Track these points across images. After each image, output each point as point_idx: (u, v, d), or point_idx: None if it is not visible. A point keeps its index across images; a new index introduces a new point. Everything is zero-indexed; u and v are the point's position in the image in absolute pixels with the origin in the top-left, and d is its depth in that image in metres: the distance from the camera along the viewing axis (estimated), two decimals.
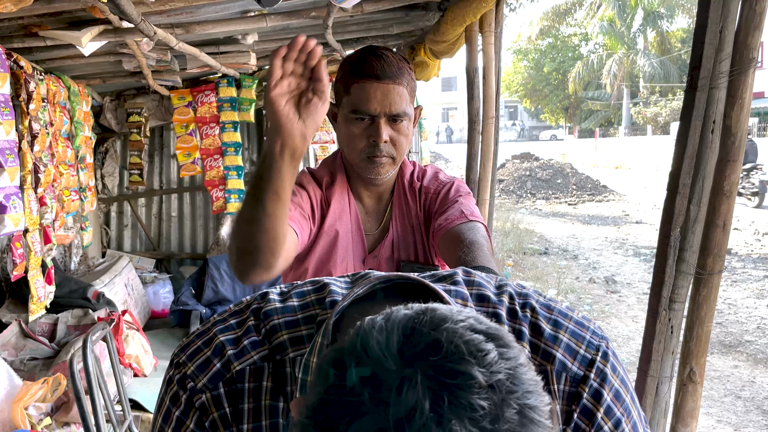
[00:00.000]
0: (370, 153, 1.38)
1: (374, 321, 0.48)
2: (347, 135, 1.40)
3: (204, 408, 0.68)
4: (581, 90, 31.16)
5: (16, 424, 2.58)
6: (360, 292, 0.67)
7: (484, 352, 0.44)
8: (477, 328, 0.47)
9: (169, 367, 0.72)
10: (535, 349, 0.70)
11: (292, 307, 0.72)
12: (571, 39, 35.40)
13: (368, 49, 1.39)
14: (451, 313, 0.48)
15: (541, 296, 0.75)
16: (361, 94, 1.35)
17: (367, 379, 0.44)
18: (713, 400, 4.12)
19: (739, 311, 6.03)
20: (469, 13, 2.84)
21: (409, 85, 1.38)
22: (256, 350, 0.69)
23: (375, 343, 0.46)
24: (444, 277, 0.76)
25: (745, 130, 1.65)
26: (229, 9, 2.90)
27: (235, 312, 0.74)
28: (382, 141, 1.36)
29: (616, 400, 0.69)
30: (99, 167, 5.15)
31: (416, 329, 0.46)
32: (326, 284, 0.74)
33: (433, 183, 1.51)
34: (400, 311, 0.49)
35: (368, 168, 1.41)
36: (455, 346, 0.44)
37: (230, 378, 0.68)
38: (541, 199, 15.28)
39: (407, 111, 1.37)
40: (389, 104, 1.34)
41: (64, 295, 3.53)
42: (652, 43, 30.16)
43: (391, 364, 0.44)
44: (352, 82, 1.36)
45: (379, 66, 1.34)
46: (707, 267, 1.70)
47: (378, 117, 1.35)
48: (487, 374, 0.43)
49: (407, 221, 1.51)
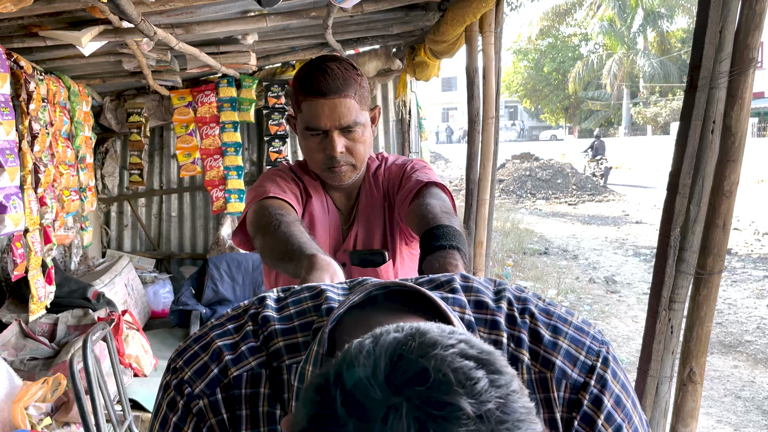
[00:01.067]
0: (328, 164, 1.44)
1: (362, 345, 0.47)
2: (306, 148, 1.46)
3: (201, 414, 0.68)
4: (581, 90, 31.15)
5: (16, 424, 2.58)
6: (356, 300, 0.67)
7: (473, 380, 0.43)
8: (467, 353, 0.45)
9: (166, 372, 0.72)
10: (535, 357, 0.69)
11: (288, 314, 0.72)
12: (571, 39, 35.40)
13: (314, 64, 1.41)
14: (442, 337, 0.47)
15: (541, 300, 0.74)
16: (311, 112, 1.39)
17: (353, 407, 0.43)
18: (713, 400, 4.12)
19: (739, 311, 6.03)
20: (469, 13, 2.84)
21: (357, 93, 1.41)
22: (254, 356, 0.69)
23: (361, 370, 0.45)
24: (441, 283, 0.75)
25: (746, 130, 1.65)
26: (229, 9, 2.90)
27: (233, 317, 0.73)
28: (338, 153, 1.42)
29: (617, 406, 0.68)
30: (99, 167, 5.15)
31: (404, 356, 0.45)
32: (323, 290, 0.74)
33: (391, 167, 1.58)
34: (389, 334, 0.48)
35: (330, 177, 1.48)
36: (443, 375, 0.43)
37: (228, 384, 0.68)
38: (541, 199, 15.28)
39: (358, 120, 1.41)
40: (338, 118, 1.39)
41: (64, 295, 3.53)
42: (652, 43, 30.16)
43: (378, 393, 0.43)
44: (302, 99, 1.41)
45: (324, 82, 1.37)
46: (707, 267, 1.70)
47: (330, 131, 1.40)
48: (476, 404, 0.42)
49: (373, 212, 1.56)
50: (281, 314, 0.72)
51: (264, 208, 1.37)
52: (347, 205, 1.58)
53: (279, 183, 1.48)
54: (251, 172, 5.31)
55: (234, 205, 4.88)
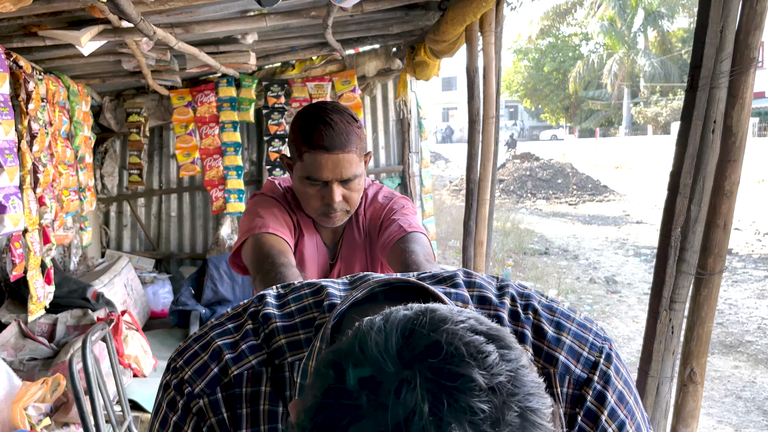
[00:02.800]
0: (324, 211, 1.50)
1: (373, 322, 0.48)
2: (303, 193, 1.51)
3: (201, 413, 0.67)
4: (582, 90, 31.13)
5: (16, 424, 2.57)
6: (359, 296, 0.67)
7: (484, 353, 0.44)
8: (477, 329, 0.46)
9: (165, 372, 0.72)
10: (538, 352, 0.69)
11: (289, 311, 0.72)
12: (572, 39, 35.39)
13: (316, 114, 1.43)
14: (451, 314, 0.47)
15: (543, 297, 0.74)
16: (313, 164, 1.43)
17: (366, 381, 0.43)
18: (714, 400, 4.11)
19: (739, 311, 6.03)
20: (469, 12, 2.84)
21: (358, 147, 1.45)
22: (254, 354, 0.69)
23: (373, 345, 0.45)
24: (444, 279, 0.75)
25: (746, 130, 1.65)
26: (228, 9, 2.89)
27: (233, 316, 0.73)
28: (336, 203, 1.47)
29: (620, 402, 0.68)
30: (98, 167, 5.15)
31: (415, 330, 0.46)
32: (323, 287, 0.74)
33: (371, 208, 1.63)
34: (400, 312, 0.48)
35: (324, 221, 1.54)
36: (455, 348, 0.44)
37: (228, 383, 0.68)
38: (542, 199, 15.27)
39: (357, 173, 1.47)
40: (340, 172, 1.44)
41: (63, 296, 3.52)
42: (652, 42, 30.14)
43: (390, 366, 0.44)
44: (304, 151, 1.43)
45: (328, 137, 1.40)
46: (708, 267, 1.70)
47: (330, 182, 1.45)
48: (488, 376, 0.42)
49: (354, 252, 1.63)
50: (282, 311, 0.72)
51: (263, 247, 1.41)
52: (333, 240, 1.64)
53: (276, 215, 1.52)
54: (251, 172, 5.31)
55: (233, 205, 4.88)
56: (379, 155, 5.29)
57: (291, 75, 4.74)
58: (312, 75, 4.73)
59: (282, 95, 4.79)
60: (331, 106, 1.46)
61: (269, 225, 1.47)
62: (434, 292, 0.66)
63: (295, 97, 4.77)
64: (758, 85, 13.86)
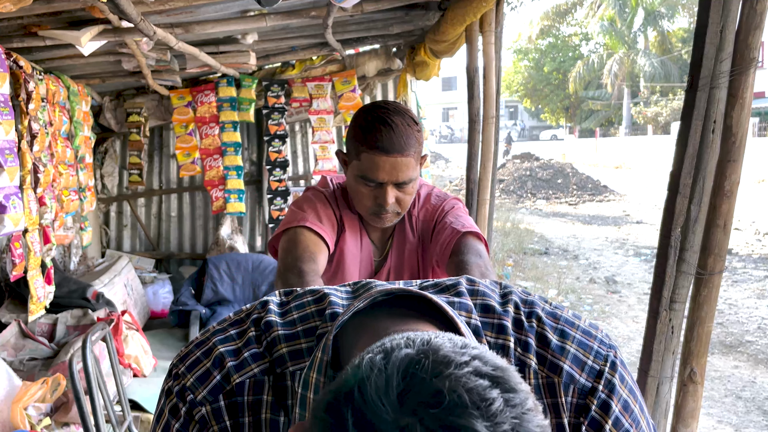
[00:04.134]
0: (376, 211, 1.50)
1: (373, 362, 0.46)
2: (356, 191, 1.51)
3: (204, 421, 0.67)
4: (582, 90, 31.12)
5: (16, 424, 2.57)
6: (361, 306, 0.66)
7: (488, 401, 0.42)
8: (482, 371, 0.44)
9: (167, 377, 0.71)
10: (542, 361, 0.69)
11: (291, 319, 0.71)
12: (572, 39, 35.39)
13: (378, 115, 1.43)
14: (455, 354, 0.46)
15: (547, 303, 0.73)
16: (371, 165, 1.43)
17: (364, 428, 0.42)
18: (714, 400, 4.11)
19: (739, 311, 6.03)
20: (469, 12, 2.84)
21: (416, 151, 1.45)
22: (256, 363, 0.68)
23: (373, 389, 0.44)
24: (447, 287, 0.74)
25: (746, 130, 1.65)
26: (228, 9, 2.89)
27: (235, 321, 0.72)
28: (389, 204, 1.47)
29: (625, 411, 0.68)
30: (98, 167, 5.15)
31: (417, 375, 0.44)
32: (326, 294, 0.73)
33: (423, 210, 1.62)
34: (401, 350, 0.47)
35: (374, 221, 1.54)
36: (458, 396, 0.42)
37: (230, 390, 0.67)
38: (542, 199, 15.27)
39: (413, 176, 1.47)
40: (396, 174, 1.44)
41: (63, 296, 3.52)
42: (652, 42, 30.13)
43: (390, 413, 0.42)
44: (362, 150, 1.43)
45: (388, 139, 1.40)
46: (708, 267, 1.70)
47: (386, 184, 1.45)
48: (492, 427, 0.41)
49: (405, 249, 1.62)
50: (284, 319, 0.71)
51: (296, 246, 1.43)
52: (381, 239, 1.64)
53: (319, 210, 1.54)
54: (251, 172, 5.31)
55: (233, 205, 4.88)
56: None
57: (291, 75, 4.73)
58: (312, 75, 4.73)
59: (282, 95, 4.79)
60: (393, 107, 1.45)
61: (308, 219, 1.49)
62: (437, 302, 0.65)
63: (295, 97, 4.77)
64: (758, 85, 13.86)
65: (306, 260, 1.40)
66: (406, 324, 0.62)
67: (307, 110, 4.83)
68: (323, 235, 1.48)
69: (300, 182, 5.33)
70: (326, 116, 4.79)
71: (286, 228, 1.51)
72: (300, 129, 5.34)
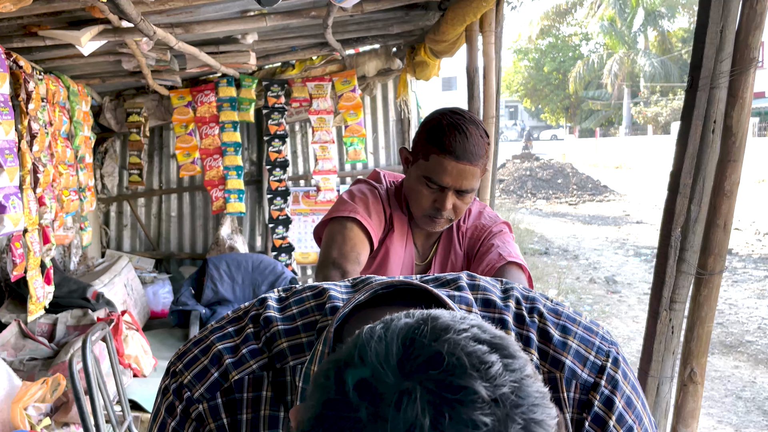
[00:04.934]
0: (431, 214, 1.49)
1: (373, 330, 0.47)
2: (415, 191, 1.50)
3: (201, 419, 0.66)
4: (582, 90, 31.11)
5: (16, 424, 2.57)
6: (361, 299, 0.66)
7: (487, 364, 0.42)
8: (480, 337, 0.45)
9: (165, 376, 0.71)
10: (544, 356, 0.68)
11: (291, 314, 0.71)
12: (572, 38, 35.37)
13: (453, 121, 1.43)
14: (454, 322, 0.46)
15: (548, 300, 0.73)
16: (438, 168, 1.43)
17: (365, 392, 0.43)
18: (714, 400, 4.11)
19: (739, 311, 6.03)
20: (469, 12, 2.84)
21: (483, 163, 1.46)
22: (255, 359, 0.68)
23: (373, 354, 0.44)
24: (448, 281, 0.74)
25: (746, 130, 1.65)
26: (228, 9, 2.90)
27: (233, 319, 0.72)
28: (446, 210, 1.47)
29: (628, 407, 0.68)
30: (98, 167, 5.15)
31: (416, 340, 0.44)
32: (325, 289, 0.73)
33: (473, 226, 1.63)
34: (401, 320, 0.47)
35: (426, 223, 1.53)
36: (457, 359, 0.42)
37: (228, 388, 0.67)
38: (542, 199, 15.27)
39: (475, 186, 1.47)
40: (461, 182, 1.44)
41: (63, 296, 3.52)
42: (652, 42, 30.12)
43: (390, 377, 0.43)
44: (432, 152, 1.43)
45: (460, 145, 1.40)
46: (708, 267, 1.70)
47: (448, 189, 1.45)
48: (491, 388, 0.41)
49: (449, 259, 1.63)
50: (284, 314, 0.71)
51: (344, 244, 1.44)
52: (425, 245, 1.64)
53: (369, 206, 1.54)
54: (251, 172, 5.31)
55: (233, 205, 4.88)
56: (379, 155, 5.29)
57: (291, 75, 4.73)
58: (312, 75, 4.73)
59: (282, 95, 4.79)
60: (469, 116, 1.45)
61: (359, 212, 1.49)
62: (438, 295, 0.65)
63: (295, 97, 4.77)
64: (758, 85, 13.85)
65: (352, 260, 1.41)
66: None
67: (307, 110, 4.83)
68: (370, 231, 1.48)
69: (300, 182, 5.33)
70: (326, 116, 4.79)
71: (335, 217, 1.51)
72: (300, 129, 5.34)
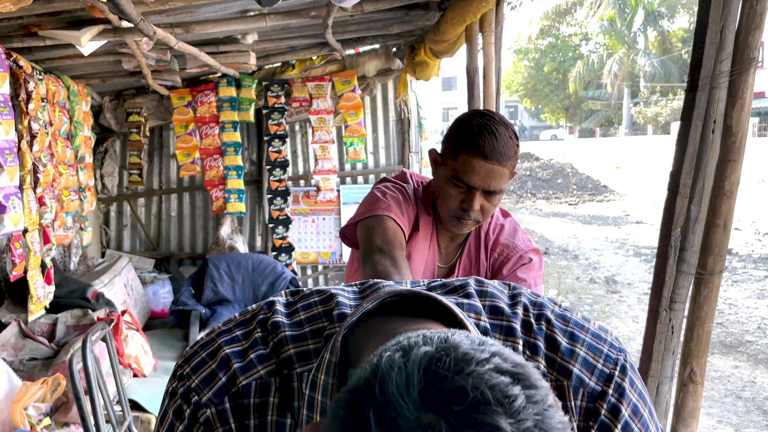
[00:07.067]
0: (458, 215, 1.49)
1: (392, 359, 0.46)
2: (443, 191, 1.50)
3: (209, 423, 0.66)
4: (582, 90, 31.12)
5: (16, 424, 2.57)
6: (369, 307, 0.65)
7: (511, 398, 0.42)
8: (502, 367, 0.44)
9: (171, 379, 0.70)
10: (551, 364, 0.68)
11: (298, 320, 0.70)
12: (572, 38, 35.37)
13: (483, 121, 1.43)
14: (474, 351, 0.45)
15: (557, 306, 0.73)
16: (466, 167, 1.43)
17: (387, 427, 0.42)
18: (714, 400, 4.11)
19: (739, 311, 6.03)
20: (469, 12, 2.84)
21: (512, 164, 1.45)
22: (262, 364, 0.67)
23: (394, 387, 0.43)
24: (455, 288, 0.74)
25: (746, 130, 1.65)
26: (228, 9, 2.89)
27: (241, 322, 0.72)
28: (474, 210, 1.47)
29: (635, 415, 0.67)
30: (98, 167, 5.15)
31: (438, 372, 0.44)
32: (333, 295, 0.72)
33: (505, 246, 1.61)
34: (420, 348, 0.46)
35: (453, 224, 1.52)
36: (481, 393, 0.42)
37: (236, 392, 0.66)
38: (542, 199, 15.27)
39: (503, 188, 1.46)
40: (489, 182, 1.43)
41: (63, 295, 3.52)
42: (652, 42, 30.13)
43: (412, 411, 0.42)
44: (461, 151, 1.43)
45: (489, 145, 1.40)
46: (708, 267, 1.70)
47: (476, 189, 1.45)
48: (515, 423, 0.41)
49: (473, 268, 1.62)
50: (291, 320, 0.70)
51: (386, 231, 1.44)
52: (448, 247, 1.64)
53: (401, 204, 1.54)
54: (251, 172, 5.31)
55: (233, 205, 4.88)
56: (379, 155, 5.29)
57: (291, 75, 4.73)
58: (312, 75, 4.73)
59: (282, 95, 4.79)
60: (499, 118, 1.46)
61: (392, 210, 1.50)
62: (446, 304, 0.65)
63: (295, 97, 4.77)
64: (758, 85, 13.86)
65: (398, 246, 1.40)
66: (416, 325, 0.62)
67: (307, 110, 4.83)
68: (403, 229, 1.49)
69: (300, 182, 5.33)
70: (326, 116, 4.79)
71: (369, 215, 1.50)
72: (300, 129, 5.34)
